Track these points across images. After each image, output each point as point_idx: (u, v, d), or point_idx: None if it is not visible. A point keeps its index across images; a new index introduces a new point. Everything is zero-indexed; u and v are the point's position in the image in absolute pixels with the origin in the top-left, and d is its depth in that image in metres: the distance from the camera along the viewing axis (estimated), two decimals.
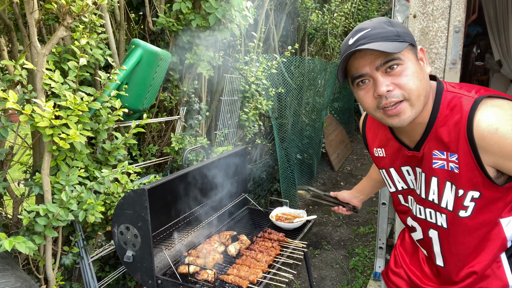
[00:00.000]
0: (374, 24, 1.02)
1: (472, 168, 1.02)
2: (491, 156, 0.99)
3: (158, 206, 1.83)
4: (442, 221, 1.15)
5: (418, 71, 1.01)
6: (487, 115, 0.97)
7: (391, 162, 1.25)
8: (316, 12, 5.46)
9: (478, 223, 1.09)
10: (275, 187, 4.45)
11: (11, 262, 1.60)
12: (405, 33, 1.00)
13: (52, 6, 1.60)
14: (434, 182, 1.12)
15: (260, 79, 3.53)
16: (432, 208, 1.16)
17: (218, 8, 2.47)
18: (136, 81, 2.12)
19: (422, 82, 1.01)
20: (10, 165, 1.77)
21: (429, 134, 1.08)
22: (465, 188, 1.05)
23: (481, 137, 0.97)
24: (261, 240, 1.95)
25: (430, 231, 1.22)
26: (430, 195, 1.15)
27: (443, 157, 1.07)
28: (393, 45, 0.96)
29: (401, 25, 1.03)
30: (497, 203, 1.06)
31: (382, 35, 0.98)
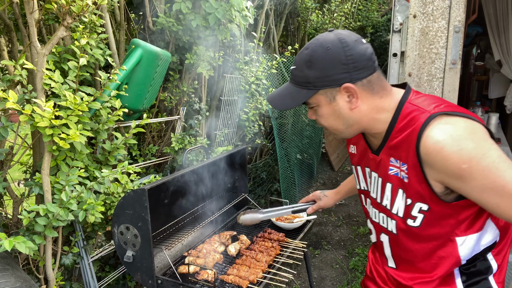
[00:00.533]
0: (299, 61, 1.10)
1: (420, 181, 1.04)
2: (437, 172, 1.00)
3: (158, 206, 1.83)
4: (392, 227, 1.19)
5: (331, 113, 1.10)
6: (436, 133, 0.98)
7: (359, 160, 1.30)
8: (316, 12, 5.46)
9: (427, 235, 1.12)
10: (275, 187, 4.45)
11: (11, 262, 1.60)
12: (319, 77, 1.05)
13: (52, 6, 1.60)
14: (388, 188, 1.16)
15: (260, 79, 3.53)
16: (385, 213, 1.21)
17: (218, 8, 2.47)
18: (136, 81, 2.12)
19: (337, 120, 1.12)
20: (10, 165, 1.77)
21: (386, 141, 1.12)
22: (412, 198, 1.09)
23: (427, 153, 0.99)
24: (261, 240, 1.95)
25: (381, 235, 1.27)
26: (384, 200, 1.19)
27: (397, 165, 1.10)
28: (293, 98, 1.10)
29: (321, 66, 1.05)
30: (448, 219, 1.07)
31: (296, 78, 1.11)
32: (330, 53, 1.04)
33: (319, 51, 1.05)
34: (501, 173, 0.93)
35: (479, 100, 5.29)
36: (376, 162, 1.19)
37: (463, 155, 0.94)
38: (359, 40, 1.06)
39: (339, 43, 1.04)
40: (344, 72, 1.04)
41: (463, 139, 0.96)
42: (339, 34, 1.06)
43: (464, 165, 0.94)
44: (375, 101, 1.09)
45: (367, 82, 1.07)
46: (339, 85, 1.06)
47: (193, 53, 2.65)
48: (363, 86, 1.07)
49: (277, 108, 1.15)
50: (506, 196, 0.93)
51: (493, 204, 0.96)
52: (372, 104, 1.09)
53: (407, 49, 2.14)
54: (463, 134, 0.97)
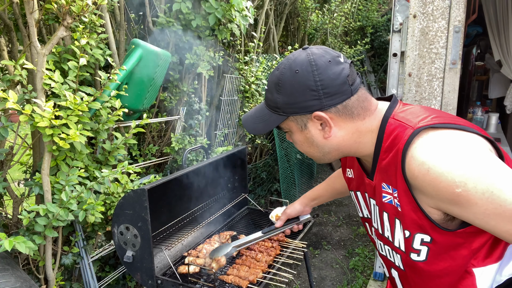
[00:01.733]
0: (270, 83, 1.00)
1: (415, 209, 0.88)
2: (429, 198, 0.84)
3: (158, 206, 1.83)
4: (398, 261, 1.03)
5: (304, 140, 1.00)
6: (420, 151, 0.82)
7: (358, 185, 1.14)
8: (316, 12, 5.46)
9: (439, 270, 0.95)
10: (275, 187, 4.45)
11: (11, 262, 1.60)
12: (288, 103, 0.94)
13: (52, 6, 1.60)
14: (385, 218, 1.01)
15: (260, 79, 3.53)
16: (389, 246, 1.05)
17: (218, 8, 2.47)
18: (136, 81, 2.12)
19: (311, 147, 1.01)
20: (10, 165, 1.77)
21: (376, 165, 0.97)
22: (410, 229, 0.92)
23: (413, 176, 0.84)
24: (261, 240, 1.95)
25: (392, 270, 1.11)
26: (385, 232, 1.03)
27: (389, 191, 0.95)
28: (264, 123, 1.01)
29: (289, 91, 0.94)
30: (458, 249, 0.90)
31: (268, 102, 1.01)
32: (298, 77, 0.92)
33: (287, 74, 0.94)
34: (507, 195, 0.75)
35: (479, 100, 5.30)
36: (371, 187, 1.03)
37: (455, 176, 0.77)
38: (334, 60, 0.92)
39: (309, 66, 0.91)
40: (314, 99, 0.91)
41: (453, 157, 0.79)
42: (310, 55, 0.93)
43: (458, 189, 0.77)
44: (356, 125, 0.95)
45: (343, 108, 0.93)
46: (309, 112, 0.94)
47: (193, 53, 2.65)
48: (338, 112, 0.93)
49: (249, 132, 1.05)
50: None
51: (504, 232, 0.78)
52: (352, 128, 0.96)
53: (407, 49, 2.15)
54: (453, 150, 0.80)
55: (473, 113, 4.68)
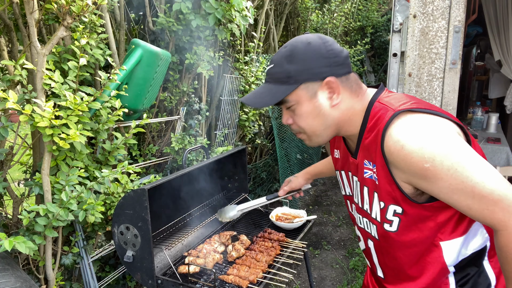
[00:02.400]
0: (278, 57, 1.06)
1: (390, 182, 0.99)
2: (402, 173, 0.95)
3: (158, 206, 1.83)
4: (374, 232, 1.14)
5: (311, 110, 1.05)
6: (397, 130, 0.93)
7: (342, 165, 1.24)
8: (316, 12, 5.46)
9: (408, 240, 1.06)
10: (275, 187, 4.45)
11: (11, 262, 1.60)
12: (301, 70, 1.01)
13: (52, 6, 1.60)
14: (365, 192, 1.11)
15: (260, 79, 3.53)
16: (367, 218, 1.16)
17: (218, 8, 2.47)
18: (136, 81, 2.12)
19: (317, 119, 1.05)
20: (10, 165, 1.77)
21: (360, 143, 1.08)
22: (385, 200, 1.04)
23: (389, 152, 0.95)
24: (261, 240, 1.95)
25: (368, 241, 1.21)
26: (365, 205, 1.14)
27: (371, 167, 1.06)
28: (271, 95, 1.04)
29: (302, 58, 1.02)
30: (426, 222, 1.01)
31: (275, 76, 1.05)
32: (311, 47, 1.02)
33: (300, 46, 1.03)
34: (469, 173, 0.86)
35: (479, 100, 5.30)
36: (355, 165, 1.14)
37: (425, 153, 0.88)
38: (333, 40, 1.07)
39: (319, 39, 1.04)
40: (325, 65, 1.02)
41: (424, 136, 0.90)
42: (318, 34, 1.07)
43: (427, 164, 0.88)
44: (352, 100, 1.06)
45: (346, 79, 1.05)
46: (321, 79, 1.02)
47: (193, 53, 2.65)
48: (343, 83, 1.04)
49: (254, 105, 1.07)
50: (477, 198, 0.86)
51: (465, 206, 0.90)
52: (349, 103, 1.06)
53: (407, 49, 2.15)
54: (425, 130, 0.91)
55: (473, 113, 4.68)
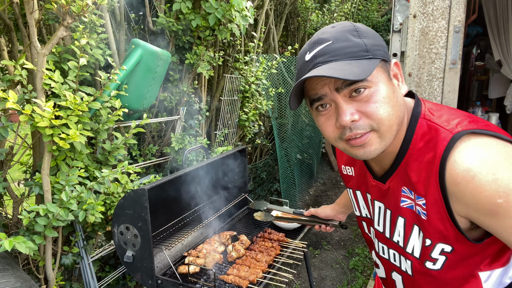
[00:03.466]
0: (336, 33, 0.81)
1: (443, 219, 0.84)
2: (464, 207, 0.80)
3: (158, 206, 1.83)
4: (407, 267, 0.98)
5: (391, 95, 0.82)
6: (466, 157, 0.77)
7: (358, 184, 1.09)
8: (316, 12, 5.46)
9: (450, 278, 0.93)
10: (275, 187, 4.45)
11: (11, 262, 1.60)
12: (376, 45, 0.81)
13: (52, 6, 1.60)
14: (400, 223, 0.95)
15: (260, 79, 3.53)
16: (397, 250, 1.00)
17: (218, 8, 2.47)
18: (136, 81, 2.12)
19: (395, 108, 0.82)
20: (10, 165, 1.77)
21: (398, 166, 0.90)
22: (433, 239, 0.88)
23: (454, 182, 0.78)
24: (261, 240, 1.95)
25: (393, 273, 1.06)
26: (395, 236, 0.98)
27: (411, 197, 0.89)
28: (359, 67, 0.77)
29: (371, 33, 0.83)
30: (473, 258, 0.89)
31: (346, 50, 0.79)
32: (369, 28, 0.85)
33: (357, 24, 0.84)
34: None
35: (479, 100, 5.29)
36: (381, 190, 0.97)
37: (500, 186, 0.73)
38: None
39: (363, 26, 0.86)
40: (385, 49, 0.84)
41: (499, 166, 0.75)
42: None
43: (500, 200, 0.74)
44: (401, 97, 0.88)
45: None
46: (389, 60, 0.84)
47: (193, 53, 2.65)
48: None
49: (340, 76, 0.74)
50: None
51: None
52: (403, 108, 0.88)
53: (407, 49, 2.15)
54: (498, 159, 0.76)
55: (473, 113, 4.68)
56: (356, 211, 1.15)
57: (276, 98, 4.23)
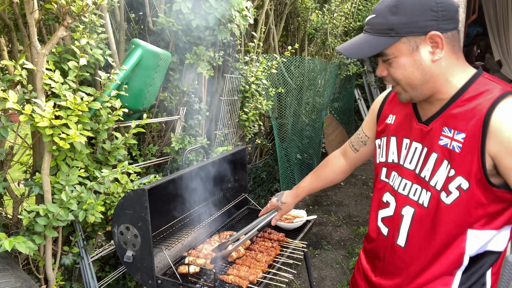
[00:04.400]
0: (381, 8, 1.04)
1: (473, 153, 1.02)
2: (497, 144, 0.98)
3: (158, 206, 1.83)
4: (425, 199, 1.14)
5: (410, 64, 1.04)
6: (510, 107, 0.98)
7: (396, 131, 1.25)
8: (316, 12, 5.46)
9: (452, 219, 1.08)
10: (275, 187, 4.45)
11: (11, 262, 1.60)
12: (406, 23, 1.00)
13: (52, 6, 1.60)
14: (433, 159, 1.12)
15: (260, 79, 3.53)
16: (420, 184, 1.16)
17: (218, 8, 2.47)
18: (136, 81, 2.12)
19: (415, 73, 1.05)
20: (10, 165, 1.77)
21: (445, 110, 1.09)
22: (457, 170, 1.05)
23: (498, 121, 0.98)
24: (261, 240, 1.95)
25: (405, 208, 1.20)
26: (423, 171, 1.15)
27: (450, 135, 1.07)
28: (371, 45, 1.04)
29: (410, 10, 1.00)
30: (478, 208, 1.05)
31: (376, 27, 1.05)
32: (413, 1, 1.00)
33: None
34: None
35: None
36: (423, 132, 1.15)
37: None
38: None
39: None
40: (432, 19, 1.00)
41: None
42: None
43: None
44: (453, 61, 1.06)
45: (452, 35, 1.03)
46: (425, 33, 1.01)
47: (193, 53, 2.65)
48: (448, 38, 1.03)
49: (351, 56, 1.07)
50: None
51: None
52: (450, 62, 1.06)
53: None
54: None
55: None
56: (382, 157, 1.30)
57: (276, 98, 4.23)
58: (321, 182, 1.65)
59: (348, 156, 1.57)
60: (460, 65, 1.08)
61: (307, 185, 1.67)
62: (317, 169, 1.67)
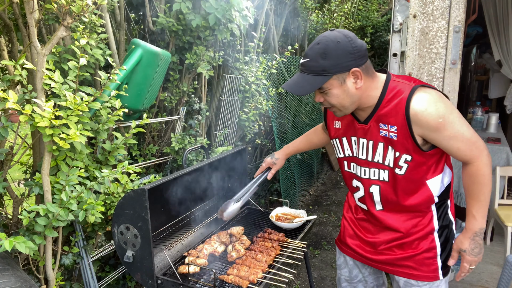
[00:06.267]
0: (312, 54, 1.36)
1: (406, 137, 1.41)
2: (420, 128, 1.38)
3: (158, 206, 1.83)
4: (385, 176, 1.54)
5: (341, 93, 1.40)
6: (420, 99, 1.36)
7: (344, 132, 1.62)
8: (316, 12, 5.46)
9: (408, 179, 1.49)
10: (275, 187, 4.45)
11: (11, 262, 1.60)
12: (334, 65, 1.34)
13: (52, 6, 1.60)
14: (380, 147, 1.50)
15: (260, 79, 3.53)
16: (377, 167, 1.54)
17: (218, 8, 2.47)
18: (136, 81, 2.12)
19: (346, 99, 1.41)
20: (10, 165, 1.77)
21: (376, 111, 1.46)
22: (400, 151, 1.45)
23: (415, 113, 1.36)
24: (261, 240, 1.95)
25: (372, 187, 1.59)
26: (376, 157, 1.53)
27: (386, 128, 1.46)
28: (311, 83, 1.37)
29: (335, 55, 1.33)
30: (422, 166, 1.46)
31: (311, 69, 1.37)
32: (340, 46, 1.33)
33: (331, 45, 1.33)
34: (461, 125, 1.36)
35: (479, 100, 5.29)
36: (364, 129, 1.52)
37: (439, 112, 1.34)
38: (354, 36, 1.38)
39: (346, 38, 1.34)
40: (351, 59, 1.34)
41: (437, 102, 1.36)
42: (342, 32, 1.36)
43: (440, 119, 1.34)
44: (369, 82, 1.42)
45: (365, 67, 1.39)
46: (348, 70, 1.35)
47: (193, 53, 2.65)
48: (363, 70, 1.38)
49: (297, 93, 1.39)
50: (464, 142, 1.37)
51: (455, 148, 1.39)
52: (368, 84, 1.42)
53: (407, 49, 2.15)
54: (437, 98, 1.37)
55: (473, 113, 4.67)
56: (340, 153, 1.68)
57: (276, 98, 4.23)
58: (307, 144, 2.04)
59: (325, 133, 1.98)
60: (374, 81, 1.43)
61: (296, 145, 2.04)
62: (306, 135, 2.05)
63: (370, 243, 1.71)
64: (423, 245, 1.58)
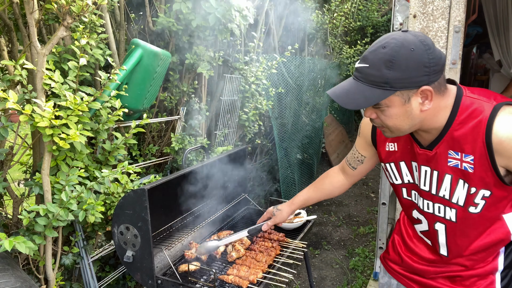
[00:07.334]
0: (375, 61, 1.05)
1: (486, 169, 1.11)
2: (505, 159, 1.07)
3: (158, 206, 1.83)
4: (451, 215, 1.23)
5: (401, 114, 1.09)
6: (506, 122, 1.05)
7: (402, 156, 1.31)
8: (316, 12, 5.46)
9: (484, 218, 1.19)
10: (275, 187, 4.44)
11: (11, 262, 1.61)
12: (400, 78, 1.03)
13: (52, 6, 1.60)
14: (447, 179, 1.19)
15: (260, 79, 3.53)
16: (442, 203, 1.24)
17: (218, 8, 2.47)
18: (136, 81, 2.12)
19: (405, 121, 1.11)
20: (10, 165, 1.77)
21: (445, 135, 1.15)
22: (477, 186, 1.14)
23: (499, 142, 1.06)
24: (261, 240, 1.95)
25: (436, 224, 1.29)
26: (441, 191, 1.22)
27: (458, 157, 1.15)
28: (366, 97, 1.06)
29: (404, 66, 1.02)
30: (503, 201, 1.16)
31: (370, 78, 1.06)
32: (414, 54, 1.01)
33: (402, 52, 1.02)
34: None
35: None
36: (427, 156, 1.21)
37: None
38: (432, 43, 1.06)
39: (422, 45, 1.02)
40: (424, 74, 1.03)
41: None
42: (418, 36, 1.04)
43: None
44: (439, 101, 1.11)
45: (438, 84, 1.08)
46: (417, 87, 1.05)
47: (193, 53, 2.65)
48: (435, 88, 1.07)
49: (346, 106, 1.10)
50: None
51: None
52: (437, 104, 1.11)
53: None
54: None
55: None
56: (397, 180, 1.37)
57: (276, 98, 4.23)
58: (318, 193, 1.72)
59: (347, 173, 1.65)
60: (444, 99, 1.12)
61: (304, 195, 1.74)
62: (316, 181, 1.74)
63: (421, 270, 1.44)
64: (479, 285, 1.30)
